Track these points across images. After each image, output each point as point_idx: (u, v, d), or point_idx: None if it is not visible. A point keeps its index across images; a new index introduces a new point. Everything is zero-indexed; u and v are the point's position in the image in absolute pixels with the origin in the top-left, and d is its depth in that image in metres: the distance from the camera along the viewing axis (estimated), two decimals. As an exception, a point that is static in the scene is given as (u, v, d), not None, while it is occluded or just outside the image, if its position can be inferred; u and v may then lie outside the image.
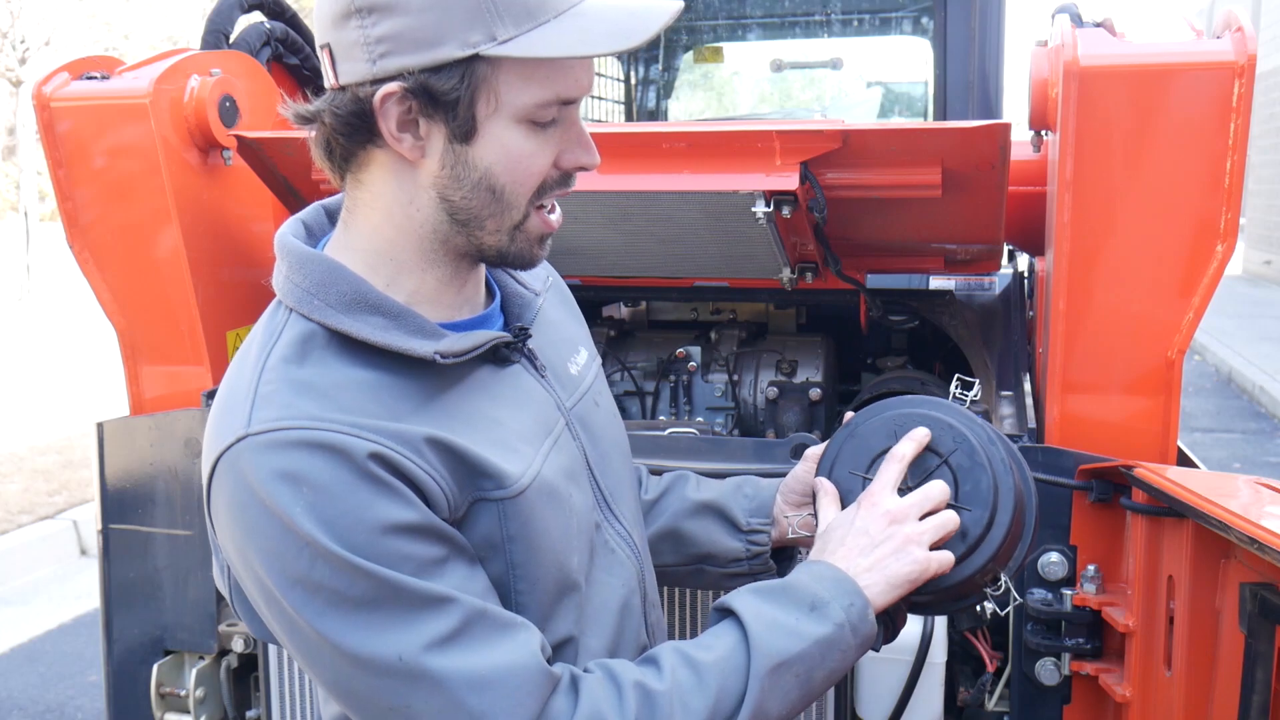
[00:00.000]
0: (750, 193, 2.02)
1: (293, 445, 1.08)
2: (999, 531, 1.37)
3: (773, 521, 1.58)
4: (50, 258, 16.02)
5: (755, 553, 1.58)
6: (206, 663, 2.38)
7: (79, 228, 2.35)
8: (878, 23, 3.94)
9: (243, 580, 1.15)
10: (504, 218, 1.19)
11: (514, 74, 1.12)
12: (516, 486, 1.19)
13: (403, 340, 1.16)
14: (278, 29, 2.70)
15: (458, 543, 1.16)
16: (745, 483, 1.64)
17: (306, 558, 1.07)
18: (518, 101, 1.13)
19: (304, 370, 1.14)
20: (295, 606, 1.09)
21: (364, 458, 1.08)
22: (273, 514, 1.07)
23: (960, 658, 2.13)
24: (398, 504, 1.09)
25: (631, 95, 4.23)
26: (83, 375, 9.84)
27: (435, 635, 1.09)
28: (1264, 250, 18.64)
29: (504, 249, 1.22)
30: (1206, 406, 9.78)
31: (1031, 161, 2.26)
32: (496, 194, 1.17)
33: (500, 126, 1.14)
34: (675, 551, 1.61)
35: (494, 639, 1.12)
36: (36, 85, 2.31)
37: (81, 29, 20.55)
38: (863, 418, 1.48)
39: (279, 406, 1.10)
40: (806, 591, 1.25)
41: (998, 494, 1.37)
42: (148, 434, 2.34)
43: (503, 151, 1.15)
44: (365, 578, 1.07)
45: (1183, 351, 1.91)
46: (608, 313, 3.01)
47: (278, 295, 1.21)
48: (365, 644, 1.08)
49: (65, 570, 5.89)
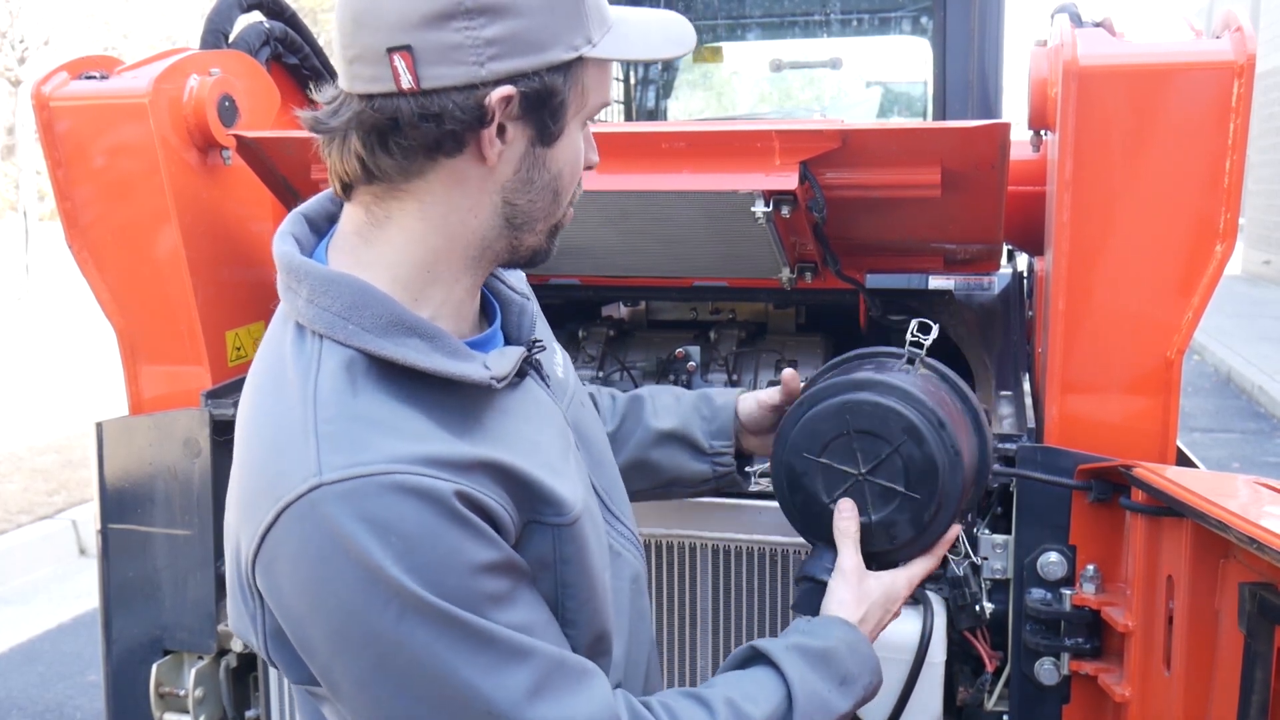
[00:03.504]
0: (749, 192, 2.02)
1: (378, 491, 1.03)
2: (946, 516, 1.48)
3: (732, 440, 1.68)
4: (49, 257, 16.00)
5: (721, 474, 1.69)
6: (206, 663, 2.38)
7: (78, 227, 2.35)
8: (877, 22, 3.94)
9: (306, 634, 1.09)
10: (553, 217, 1.22)
11: (593, 76, 1.16)
12: (572, 514, 1.18)
13: (451, 365, 1.11)
14: (277, 29, 2.70)
15: (523, 570, 1.15)
16: (701, 402, 1.71)
17: (395, 609, 1.02)
18: (593, 102, 1.18)
19: (358, 402, 1.08)
20: (374, 662, 1.05)
21: (451, 498, 1.05)
22: (358, 565, 1.02)
23: (959, 657, 2.13)
24: (482, 544, 1.07)
25: (631, 95, 4.23)
26: (82, 375, 9.83)
27: (522, 688, 1.07)
28: (1263, 250, 18.64)
29: (539, 248, 1.24)
30: (1206, 406, 9.78)
31: (1031, 161, 2.26)
32: (557, 195, 1.20)
33: (575, 128, 1.18)
34: (644, 479, 1.68)
35: (574, 689, 1.12)
36: (35, 85, 2.30)
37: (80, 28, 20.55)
38: (814, 397, 1.54)
39: (351, 449, 1.04)
40: (842, 665, 1.34)
41: (948, 482, 1.46)
42: (147, 434, 2.34)
43: (572, 152, 1.19)
44: (457, 626, 1.04)
45: (1182, 351, 1.91)
46: (607, 312, 3.00)
47: (302, 321, 1.14)
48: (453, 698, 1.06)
49: (64, 570, 5.89)
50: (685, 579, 2.15)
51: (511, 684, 1.07)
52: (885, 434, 1.47)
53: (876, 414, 1.47)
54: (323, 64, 2.81)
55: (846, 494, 1.49)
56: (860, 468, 1.48)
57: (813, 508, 1.52)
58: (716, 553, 2.10)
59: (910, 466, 1.46)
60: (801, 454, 1.51)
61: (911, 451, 1.45)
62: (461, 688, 1.05)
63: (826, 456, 1.50)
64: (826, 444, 1.50)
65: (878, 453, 1.47)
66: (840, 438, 1.49)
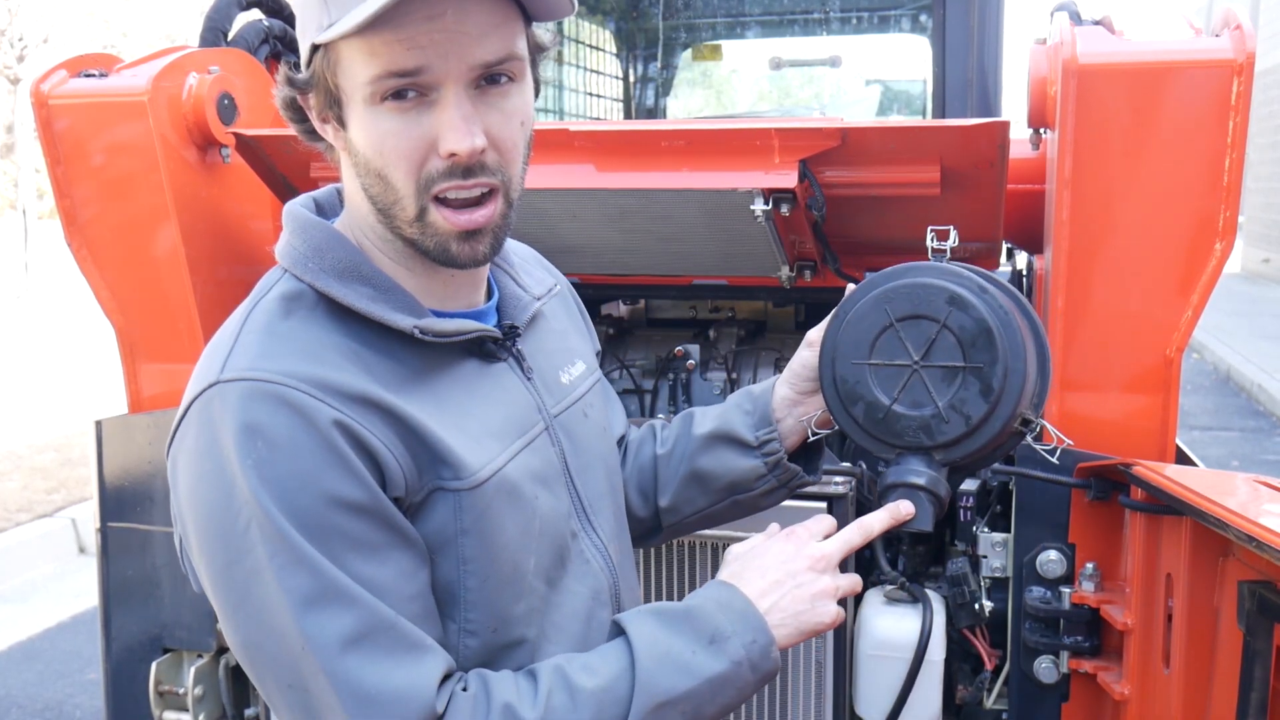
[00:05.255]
0: (749, 190, 2.02)
1: (260, 397, 1.08)
2: (1016, 379, 1.36)
3: (776, 426, 1.54)
4: (48, 255, 16.01)
5: (773, 463, 1.53)
6: (205, 661, 2.38)
7: (77, 225, 2.35)
8: (876, 20, 3.94)
9: (185, 525, 1.15)
10: (400, 207, 1.17)
11: (351, 56, 1.13)
12: (474, 479, 1.19)
13: (386, 312, 1.18)
14: (276, 26, 2.69)
15: (405, 534, 1.15)
16: (742, 398, 1.60)
17: (244, 517, 1.07)
18: (359, 80, 1.13)
19: (286, 324, 1.16)
20: (223, 565, 1.10)
21: (326, 423, 1.09)
22: (225, 465, 1.08)
23: (959, 655, 2.13)
24: (348, 478, 1.09)
25: (630, 93, 4.23)
26: (81, 373, 9.83)
27: (339, 634, 1.08)
28: (1262, 248, 18.65)
29: (420, 243, 1.19)
30: (1205, 404, 9.78)
31: (1030, 159, 2.26)
32: (382, 178, 1.17)
33: (360, 108, 1.15)
34: (704, 492, 1.58)
35: (397, 656, 1.10)
36: (35, 83, 2.30)
37: (80, 26, 20.54)
38: (850, 302, 1.46)
39: (255, 357, 1.12)
40: (709, 622, 1.22)
41: (1005, 341, 1.36)
42: (146, 432, 2.34)
43: (367, 133, 1.15)
44: (292, 550, 1.07)
45: (1181, 349, 1.91)
46: (606, 310, 3.00)
47: (277, 257, 1.24)
48: (274, 622, 1.08)
49: (64, 568, 5.89)
50: (685, 578, 2.15)
51: (330, 626, 1.07)
52: (929, 312, 1.38)
53: (914, 294, 1.39)
54: (322, 62, 2.81)
55: (906, 388, 1.40)
56: (913, 356, 1.39)
57: (876, 414, 1.42)
58: (717, 550, 2.10)
59: (963, 337, 1.37)
60: (850, 361, 1.42)
61: (961, 321, 1.36)
62: (282, 613, 1.07)
63: (876, 356, 1.41)
64: (873, 343, 1.41)
65: (927, 335, 1.38)
66: (885, 331, 1.41)
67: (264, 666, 1.12)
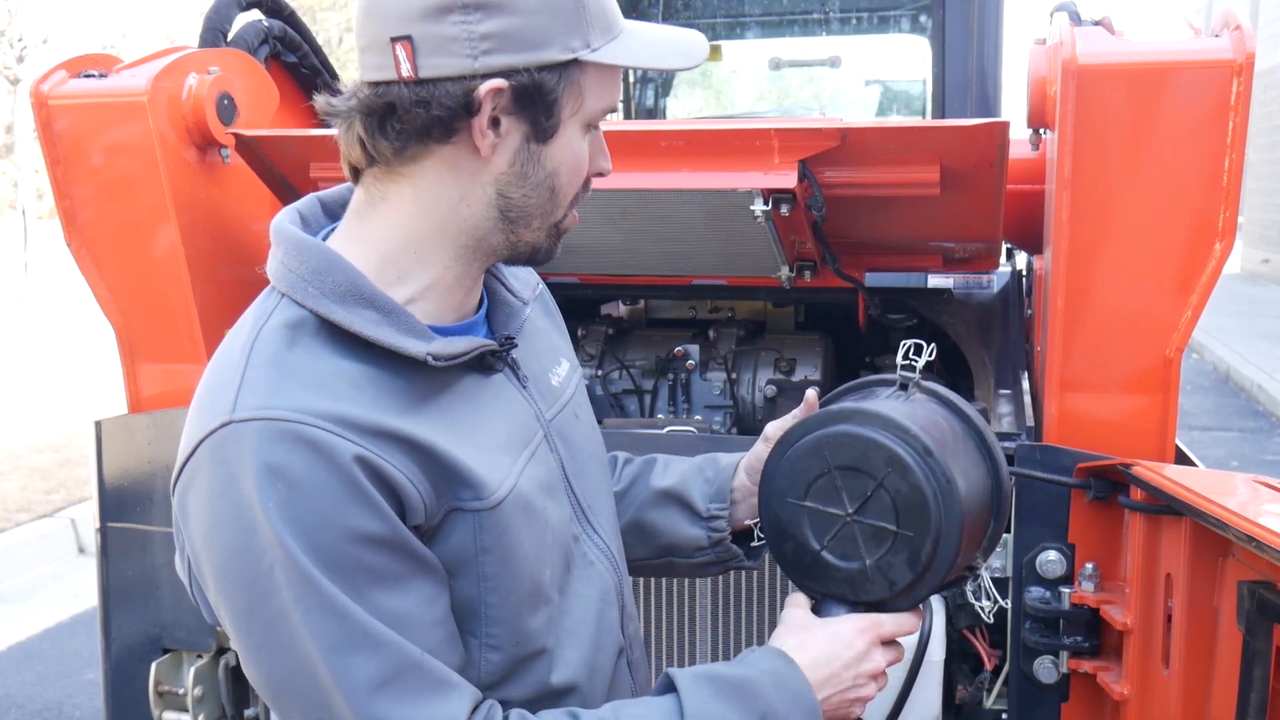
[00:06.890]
0: (748, 191, 2.02)
1: (278, 436, 1.07)
2: (947, 551, 1.31)
3: (730, 505, 1.54)
4: (48, 256, 15.99)
5: (716, 540, 1.54)
6: (205, 661, 2.38)
7: (77, 226, 2.35)
8: (876, 21, 3.94)
9: (201, 567, 1.14)
10: (551, 216, 1.24)
11: (594, 81, 1.19)
12: (494, 498, 1.18)
13: (395, 337, 1.15)
14: (275, 27, 2.69)
15: (425, 561, 1.14)
16: (707, 464, 1.60)
17: (268, 558, 1.06)
18: (593, 106, 1.21)
19: (292, 354, 1.13)
20: (247, 607, 1.09)
21: (347, 459, 1.07)
22: (246, 505, 1.06)
23: (958, 656, 2.13)
24: (370, 513, 1.08)
25: (630, 93, 4.23)
26: (81, 373, 9.83)
27: (367, 678, 1.07)
28: (1262, 248, 18.65)
29: (538, 245, 1.26)
30: (1204, 404, 9.78)
31: (1030, 160, 2.26)
32: (554, 193, 1.22)
33: (573, 129, 1.20)
34: (643, 545, 1.58)
35: (424, 695, 1.10)
36: (34, 83, 2.30)
37: (79, 27, 20.55)
38: (792, 437, 1.40)
39: (267, 393, 1.09)
40: (763, 699, 1.22)
41: (941, 513, 1.29)
42: (146, 432, 2.34)
43: (569, 152, 1.21)
44: (318, 593, 1.06)
45: (1181, 349, 1.91)
46: (606, 311, 3.01)
47: (271, 280, 1.21)
48: (302, 665, 1.08)
49: (63, 569, 5.88)
50: (685, 580, 2.15)
51: (357, 670, 1.07)
52: (867, 468, 1.32)
53: (855, 446, 1.33)
54: (321, 62, 2.81)
55: (837, 538, 1.34)
56: (847, 508, 1.33)
57: (804, 557, 1.37)
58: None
59: (898, 501, 1.30)
60: (785, 499, 1.37)
61: (898, 485, 1.30)
62: (310, 656, 1.07)
63: (811, 499, 1.35)
64: (809, 485, 1.36)
65: (863, 489, 1.32)
66: (822, 477, 1.35)
67: (291, 705, 1.12)
